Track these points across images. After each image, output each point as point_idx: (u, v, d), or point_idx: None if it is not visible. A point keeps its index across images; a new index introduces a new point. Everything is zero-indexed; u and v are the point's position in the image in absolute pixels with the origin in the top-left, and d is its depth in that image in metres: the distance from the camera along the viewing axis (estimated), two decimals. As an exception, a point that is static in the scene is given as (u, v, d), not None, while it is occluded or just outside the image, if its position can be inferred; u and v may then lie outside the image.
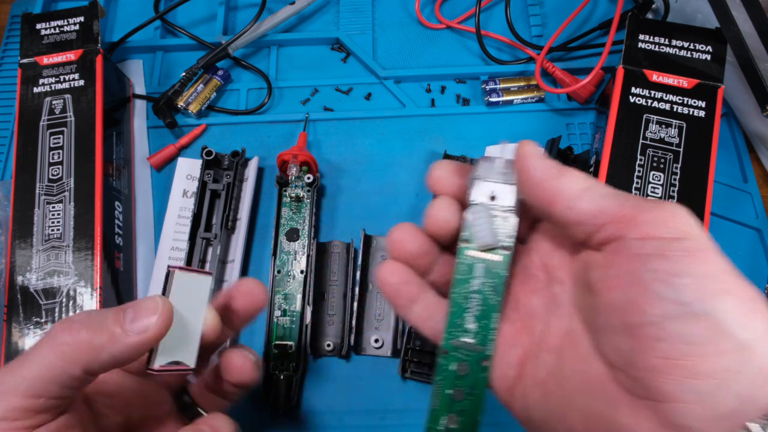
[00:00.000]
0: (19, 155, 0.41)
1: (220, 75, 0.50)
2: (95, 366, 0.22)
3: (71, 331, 0.22)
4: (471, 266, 0.25)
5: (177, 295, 0.25)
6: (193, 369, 0.26)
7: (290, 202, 0.44)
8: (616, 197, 0.22)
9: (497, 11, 0.54)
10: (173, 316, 0.24)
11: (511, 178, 0.25)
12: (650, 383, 0.19)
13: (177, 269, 0.26)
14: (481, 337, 0.25)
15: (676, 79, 0.42)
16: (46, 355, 0.22)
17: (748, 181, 0.47)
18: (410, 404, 0.40)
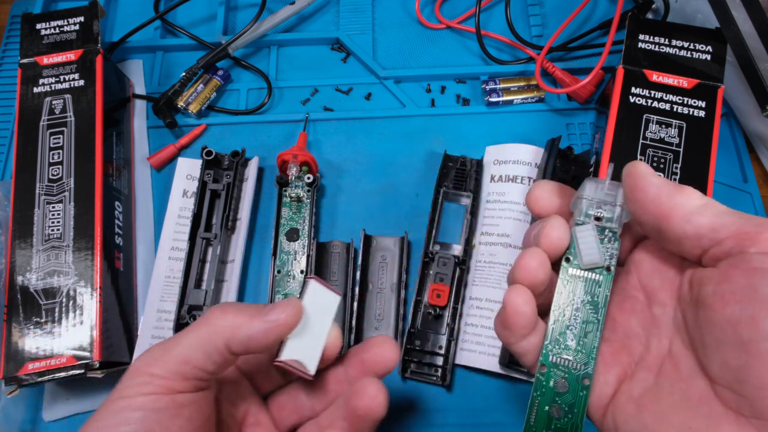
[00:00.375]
0: (19, 155, 0.41)
1: (220, 75, 0.50)
2: (234, 342, 0.25)
3: (223, 311, 0.26)
4: (574, 284, 0.26)
5: (309, 302, 0.28)
6: (312, 376, 0.28)
7: (290, 202, 0.44)
8: (736, 214, 0.22)
9: (497, 11, 0.54)
10: (302, 316, 0.27)
11: (617, 199, 0.26)
12: (761, 401, 0.19)
13: (314, 280, 0.29)
14: (582, 355, 0.25)
15: (676, 79, 0.42)
16: (200, 328, 0.26)
17: (748, 181, 0.47)
18: (410, 404, 0.40)
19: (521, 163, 0.46)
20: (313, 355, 0.28)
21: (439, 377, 0.40)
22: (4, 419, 0.40)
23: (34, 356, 0.37)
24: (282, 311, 0.26)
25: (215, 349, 0.25)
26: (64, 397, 0.41)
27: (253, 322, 0.26)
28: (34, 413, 0.41)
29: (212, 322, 0.26)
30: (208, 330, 0.26)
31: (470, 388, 0.41)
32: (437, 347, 0.40)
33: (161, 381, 0.25)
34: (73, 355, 0.37)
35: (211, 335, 0.25)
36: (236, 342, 0.25)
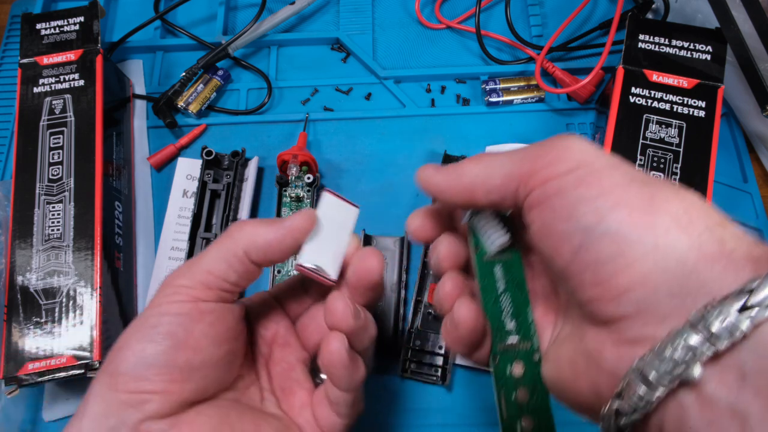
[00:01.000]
0: (19, 155, 0.41)
1: (220, 75, 0.50)
2: (252, 249, 0.27)
3: (241, 225, 0.28)
4: (491, 271, 0.26)
5: (325, 213, 0.29)
6: (334, 281, 0.28)
7: (290, 202, 0.44)
8: (514, 158, 0.23)
9: (497, 11, 0.54)
10: (316, 222, 0.28)
11: None
12: (597, 312, 0.20)
13: (328, 192, 0.30)
14: (524, 332, 0.26)
15: (676, 79, 0.42)
16: (221, 241, 0.28)
17: (748, 181, 0.47)
18: (410, 404, 0.40)
19: (521, 163, 0.46)
20: (334, 261, 0.28)
21: (439, 377, 0.40)
22: (4, 419, 0.40)
23: (34, 356, 0.37)
24: (295, 217, 0.27)
25: (236, 258, 0.27)
26: (64, 397, 0.41)
27: (269, 230, 0.27)
28: (34, 413, 0.41)
29: (232, 235, 0.27)
30: (229, 242, 0.27)
31: (470, 388, 0.41)
32: (437, 347, 0.40)
33: (187, 290, 0.26)
34: (73, 355, 0.37)
35: (231, 246, 0.27)
36: (255, 249, 0.27)
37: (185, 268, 0.27)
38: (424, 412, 0.40)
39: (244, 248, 0.27)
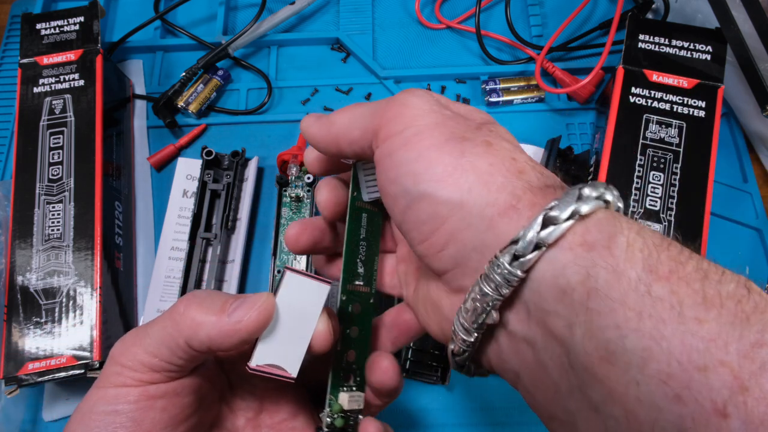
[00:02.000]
0: (19, 155, 0.41)
1: (220, 75, 0.50)
2: (194, 342, 0.24)
3: (187, 304, 0.24)
4: (360, 217, 0.28)
5: (287, 297, 0.25)
6: (293, 378, 0.25)
7: (290, 202, 0.44)
8: (370, 111, 0.23)
9: (497, 11, 0.54)
10: (273, 315, 0.24)
11: None
12: (428, 266, 0.22)
13: (291, 271, 0.25)
14: (368, 279, 0.28)
15: (676, 79, 0.42)
16: (165, 321, 0.24)
17: (748, 181, 0.47)
18: (410, 404, 0.40)
19: (521, 163, 0.46)
20: (295, 355, 0.25)
21: (439, 377, 0.40)
22: (4, 419, 0.40)
23: (34, 356, 0.37)
24: (249, 309, 0.23)
25: (177, 346, 0.24)
26: (64, 397, 0.41)
27: (214, 323, 0.23)
28: (34, 413, 0.41)
29: (174, 316, 0.24)
30: (171, 324, 0.24)
31: (470, 388, 0.41)
32: (437, 347, 0.40)
33: (130, 373, 0.24)
34: (73, 355, 0.37)
35: (172, 331, 0.24)
36: (196, 341, 0.23)
37: (130, 342, 0.25)
38: (424, 412, 0.40)
39: (186, 339, 0.24)
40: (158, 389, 0.24)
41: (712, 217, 0.44)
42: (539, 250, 0.18)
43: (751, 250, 0.45)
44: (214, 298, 0.24)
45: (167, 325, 0.24)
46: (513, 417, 0.40)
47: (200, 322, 0.23)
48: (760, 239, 0.45)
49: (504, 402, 0.40)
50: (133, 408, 0.24)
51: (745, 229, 0.45)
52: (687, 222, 0.39)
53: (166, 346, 0.24)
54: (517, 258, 0.18)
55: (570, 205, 0.18)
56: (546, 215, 0.18)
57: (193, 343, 0.23)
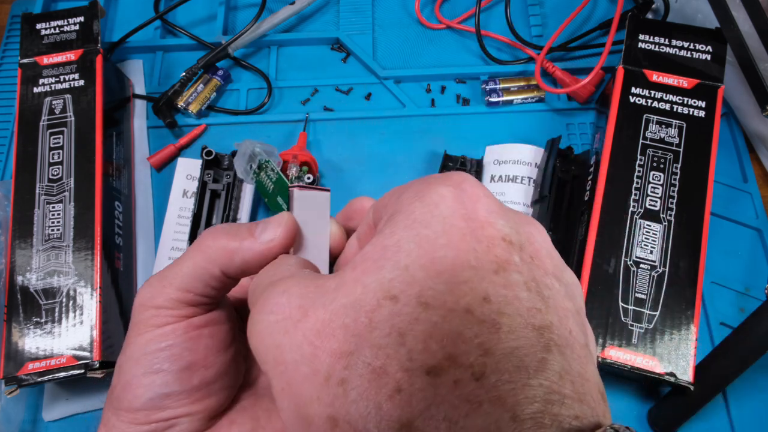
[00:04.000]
0: (19, 155, 0.41)
1: (220, 75, 0.50)
2: (230, 268, 0.24)
3: (214, 236, 0.25)
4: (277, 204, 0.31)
5: (301, 211, 0.28)
6: None
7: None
8: None
9: (497, 11, 0.54)
10: (297, 229, 0.26)
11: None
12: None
13: (296, 188, 0.28)
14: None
15: (676, 79, 0.42)
16: (194, 256, 0.24)
17: (748, 181, 0.47)
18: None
19: (521, 163, 0.46)
20: (322, 259, 0.28)
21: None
22: (4, 419, 0.40)
23: (34, 356, 0.37)
24: (276, 229, 0.25)
25: (212, 277, 0.25)
26: (64, 397, 0.41)
27: (247, 246, 0.24)
28: (34, 413, 0.41)
29: (204, 249, 0.24)
30: (202, 257, 0.24)
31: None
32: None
33: (169, 312, 0.25)
34: (73, 355, 0.37)
35: (205, 263, 0.24)
36: (233, 268, 0.24)
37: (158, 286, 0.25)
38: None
39: (221, 267, 0.24)
40: (201, 320, 0.25)
41: (712, 217, 0.44)
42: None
43: (751, 250, 0.45)
44: (239, 227, 0.25)
45: (196, 257, 0.25)
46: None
47: (234, 249, 0.24)
48: (760, 239, 0.45)
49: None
50: (186, 339, 0.24)
51: (745, 229, 0.45)
52: (687, 222, 0.39)
53: (200, 280, 0.24)
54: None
55: None
56: None
57: (230, 270, 0.24)
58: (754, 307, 0.41)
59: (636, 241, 0.39)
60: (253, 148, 0.40)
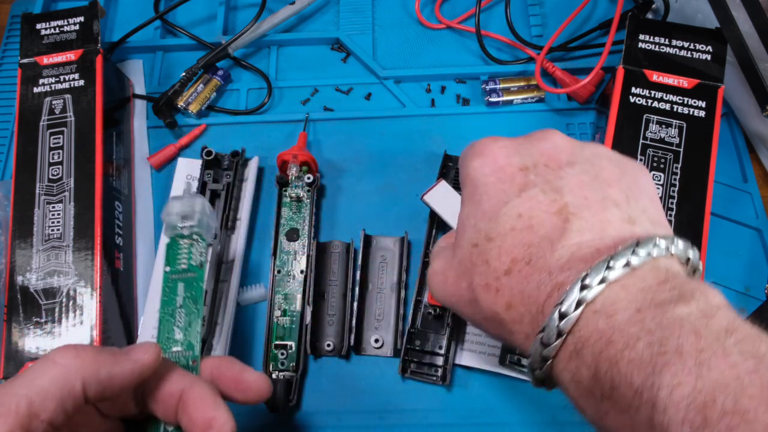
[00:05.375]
0: (19, 155, 0.41)
1: (220, 75, 0.50)
2: (92, 383, 0.22)
3: (78, 349, 0.23)
4: (174, 287, 0.30)
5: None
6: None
7: (290, 202, 0.44)
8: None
9: (497, 11, 0.54)
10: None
11: (195, 208, 0.31)
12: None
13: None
14: (188, 344, 0.29)
15: (676, 79, 0.42)
16: (47, 370, 0.22)
17: (748, 181, 0.47)
18: (410, 404, 0.40)
19: (521, 163, 0.46)
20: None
21: (439, 377, 0.40)
22: (4, 419, 0.40)
23: (34, 356, 0.37)
24: (144, 352, 0.25)
25: (70, 394, 0.22)
26: (64, 397, 0.41)
27: (117, 361, 0.23)
28: (34, 413, 0.41)
29: (66, 362, 0.22)
30: (63, 372, 0.22)
31: (470, 388, 0.41)
32: (437, 347, 0.40)
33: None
34: (73, 355, 0.37)
35: (66, 376, 0.22)
36: (94, 384, 0.22)
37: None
38: (424, 412, 0.40)
39: (84, 382, 0.22)
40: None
41: (712, 217, 0.44)
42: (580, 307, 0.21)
43: (751, 250, 0.45)
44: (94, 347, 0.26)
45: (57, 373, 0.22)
46: (513, 417, 0.40)
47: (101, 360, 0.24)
48: (760, 239, 0.45)
49: (504, 402, 0.40)
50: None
51: (745, 229, 0.45)
52: (687, 222, 0.39)
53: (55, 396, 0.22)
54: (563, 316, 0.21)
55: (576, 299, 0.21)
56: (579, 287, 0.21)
57: (92, 385, 0.23)
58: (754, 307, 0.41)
59: (636, 241, 0.39)
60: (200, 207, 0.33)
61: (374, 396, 0.40)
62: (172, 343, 0.29)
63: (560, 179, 0.24)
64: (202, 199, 0.33)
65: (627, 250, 0.21)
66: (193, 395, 0.26)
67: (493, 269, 0.24)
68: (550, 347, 0.21)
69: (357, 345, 0.41)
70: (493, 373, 0.40)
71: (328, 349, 0.41)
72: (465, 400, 0.40)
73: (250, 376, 0.29)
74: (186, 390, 0.26)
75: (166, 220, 0.32)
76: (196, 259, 0.31)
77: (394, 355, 0.41)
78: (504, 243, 0.24)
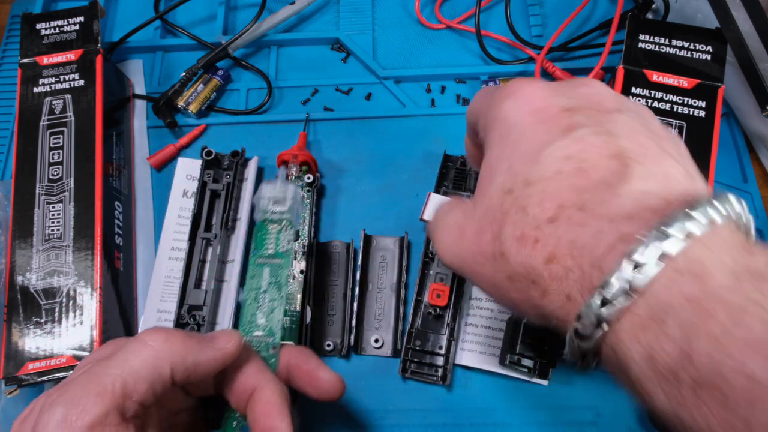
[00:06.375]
0: (19, 155, 0.41)
1: (220, 75, 0.50)
2: (180, 368, 0.23)
3: (166, 332, 0.23)
4: (260, 271, 0.30)
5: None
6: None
7: (290, 202, 0.44)
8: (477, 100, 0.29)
9: (497, 11, 0.54)
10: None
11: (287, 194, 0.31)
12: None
13: None
14: (269, 330, 0.29)
15: (676, 79, 0.42)
16: (139, 352, 0.22)
17: (748, 181, 0.47)
18: (410, 404, 0.40)
19: (521, 163, 0.46)
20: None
21: (440, 377, 0.40)
22: (4, 419, 0.40)
23: (34, 356, 0.37)
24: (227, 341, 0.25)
25: (160, 378, 0.22)
26: (64, 397, 0.41)
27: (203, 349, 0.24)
28: (34, 413, 0.41)
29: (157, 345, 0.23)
30: (153, 354, 0.22)
31: (470, 388, 0.41)
32: (437, 347, 0.40)
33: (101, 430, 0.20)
34: (73, 355, 0.37)
35: (157, 360, 0.22)
36: (181, 369, 0.23)
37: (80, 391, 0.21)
38: (424, 412, 0.40)
39: (173, 366, 0.22)
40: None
41: (712, 217, 0.44)
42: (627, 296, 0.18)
43: (751, 250, 0.45)
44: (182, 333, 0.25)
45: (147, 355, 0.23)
46: (513, 417, 0.40)
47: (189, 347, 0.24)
48: (760, 239, 0.45)
49: (504, 402, 0.40)
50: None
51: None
52: (687, 222, 0.39)
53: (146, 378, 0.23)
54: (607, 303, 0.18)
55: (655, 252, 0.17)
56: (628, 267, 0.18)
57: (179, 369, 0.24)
58: (754, 307, 0.41)
59: (636, 241, 0.39)
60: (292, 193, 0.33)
61: (374, 396, 0.40)
62: (254, 327, 0.29)
63: (612, 122, 0.21)
64: (295, 186, 0.34)
65: (705, 204, 0.18)
66: (264, 397, 0.25)
67: (532, 217, 0.20)
68: (613, 308, 0.18)
69: (357, 345, 0.41)
70: (493, 373, 0.40)
71: (328, 349, 0.41)
72: (465, 400, 0.40)
73: (325, 375, 0.28)
74: (259, 389, 0.26)
75: (258, 203, 0.32)
76: (284, 245, 0.30)
77: (394, 355, 0.41)
78: (548, 187, 0.20)
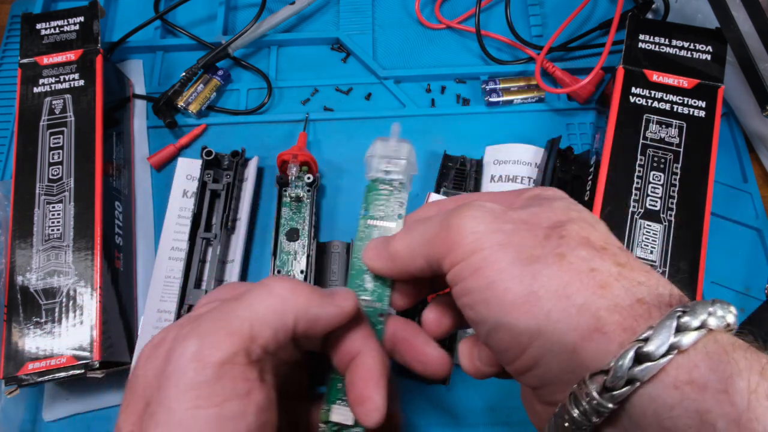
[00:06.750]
0: (19, 155, 0.41)
1: (220, 75, 0.50)
2: (302, 320, 0.23)
3: (292, 283, 0.23)
4: (369, 233, 0.28)
5: None
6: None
7: (290, 202, 0.44)
8: (429, 236, 0.23)
9: (497, 11, 0.54)
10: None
11: (401, 153, 0.29)
12: (518, 380, 0.23)
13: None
14: (378, 295, 0.28)
15: (676, 79, 0.42)
16: (266, 298, 0.22)
17: (748, 181, 0.47)
18: (410, 404, 0.40)
19: (521, 163, 0.46)
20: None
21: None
22: (4, 419, 0.40)
23: (34, 356, 0.37)
24: (346, 299, 0.24)
25: (283, 326, 0.22)
26: (64, 397, 0.41)
27: (323, 303, 0.23)
28: (34, 413, 0.41)
29: (283, 294, 0.22)
30: (280, 302, 0.22)
31: (470, 388, 0.41)
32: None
33: (240, 370, 0.21)
34: (73, 355, 0.37)
35: (283, 308, 0.22)
36: (303, 321, 0.23)
37: (210, 327, 0.21)
38: (424, 412, 0.40)
39: (296, 318, 0.22)
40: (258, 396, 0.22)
41: (712, 217, 0.44)
42: (632, 384, 0.17)
43: (751, 250, 0.45)
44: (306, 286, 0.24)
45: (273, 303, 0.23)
46: (514, 417, 0.40)
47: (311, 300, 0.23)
48: (760, 239, 0.45)
49: (504, 402, 0.40)
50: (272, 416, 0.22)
51: (745, 229, 0.45)
52: (687, 222, 0.39)
53: (271, 325, 0.22)
54: (608, 390, 0.18)
55: (667, 339, 0.17)
56: (639, 350, 0.17)
57: (301, 322, 0.23)
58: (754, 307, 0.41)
59: (636, 242, 0.39)
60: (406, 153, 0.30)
61: (374, 396, 0.40)
62: (362, 291, 0.27)
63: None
64: (410, 144, 0.30)
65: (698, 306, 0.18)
66: (365, 363, 0.25)
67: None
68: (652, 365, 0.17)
69: (357, 345, 0.41)
70: (493, 373, 0.40)
71: (328, 349, 0.41)
72: (465, 400, 0.40)
73: (433, 351, 0.27)
74: (362, 354, 0.25)
75: (370, 161, 0.29)
76: (395, 209, 0.28)
77: (394, 355, 0.41)
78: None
